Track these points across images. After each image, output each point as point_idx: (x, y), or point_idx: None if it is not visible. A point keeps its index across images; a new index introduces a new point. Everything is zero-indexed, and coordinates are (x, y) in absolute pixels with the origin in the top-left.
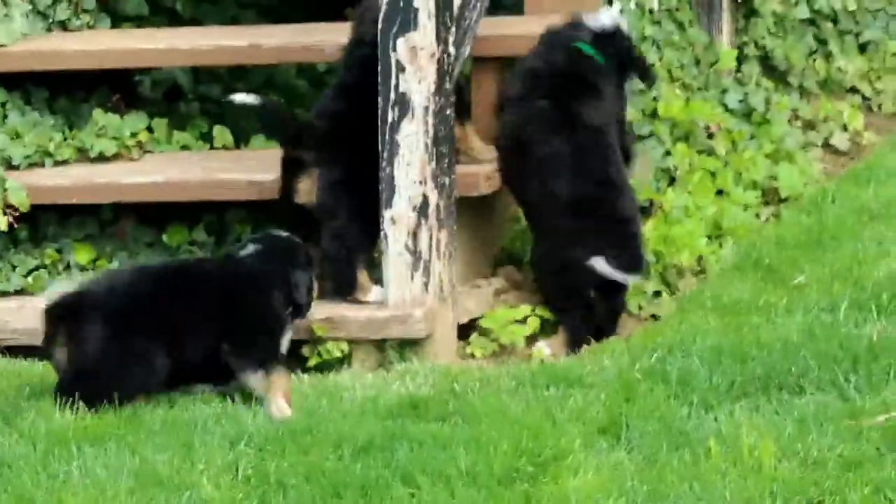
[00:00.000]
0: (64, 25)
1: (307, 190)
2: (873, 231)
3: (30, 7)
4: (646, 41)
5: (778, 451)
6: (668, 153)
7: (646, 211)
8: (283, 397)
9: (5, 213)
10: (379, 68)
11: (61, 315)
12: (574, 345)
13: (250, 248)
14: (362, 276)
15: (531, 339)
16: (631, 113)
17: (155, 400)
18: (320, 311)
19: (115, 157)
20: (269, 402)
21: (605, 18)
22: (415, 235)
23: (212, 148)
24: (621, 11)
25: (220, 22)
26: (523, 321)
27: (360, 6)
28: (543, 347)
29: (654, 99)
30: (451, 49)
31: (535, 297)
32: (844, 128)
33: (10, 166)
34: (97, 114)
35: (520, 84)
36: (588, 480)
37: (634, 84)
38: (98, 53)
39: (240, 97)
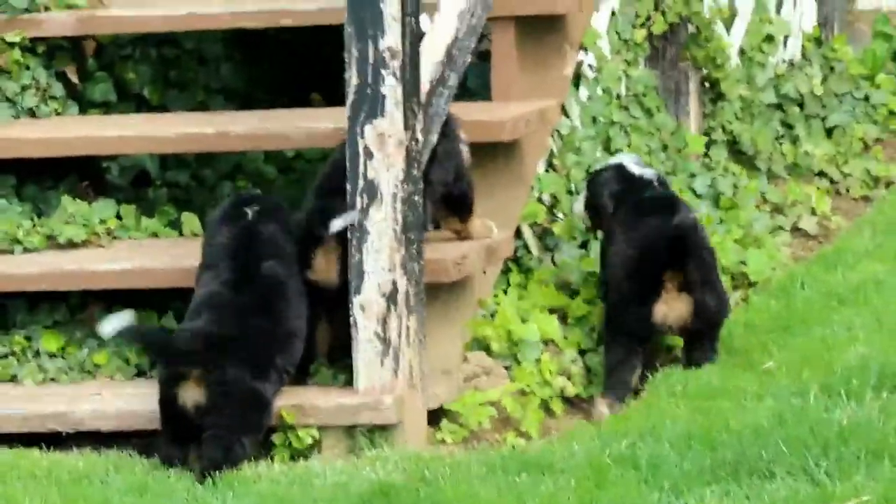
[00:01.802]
0: (32, 113)
1: (324, 267)
2: (842, 315)
3: None
4: (613, 126)
5: None
6: None
7: None
8: None
9: None
10: (347, 154)
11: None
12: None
13: None
14: None
15: (502, 425)
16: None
17: (124, 488)
18: (289, 397)
19: (84, 243)
20: None
21: None
22: (384, 322)
23: (180, 234)
24: (588, 97)
25: (187, 108)
26: (494, 406)
27: None
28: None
29: None
30: (420, 136)
31: (505, 382)
32: (813, 211)
33: None
34: (65, 201)
35: None
36: None
37: None
38: (66, 141)
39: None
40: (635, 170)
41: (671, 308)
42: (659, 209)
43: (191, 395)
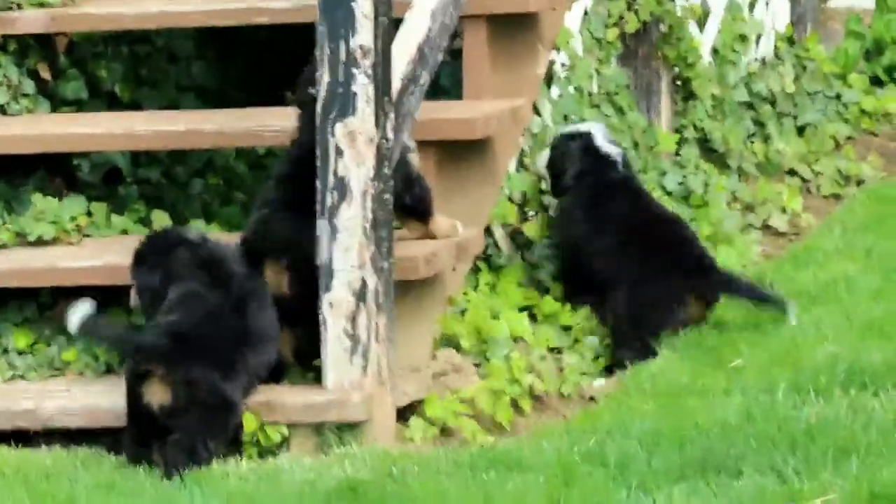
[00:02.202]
0: (3, 110)
1: (273, 280)
2: (812, 314)
3: None
4: None
5: None
6: None
7: None
8: None
9: None
10: (318, 152)
11: None
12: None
13: None
14: None
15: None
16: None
17: (92, 485)
18: (258, 394)
19: (54, 241)
20: None
21: None
22: (353, 319)
23: None
24: (560, 95)
25: (159, 105)
26: (463, 404)
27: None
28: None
29: None
30: (390, 134)
31: (474, 380)
32: (783, 210)
33: None
34: (36, 198)
35: None
36: None
37: None
38: (37, 138)
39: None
40: (602, 146)
41: None
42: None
43: (156, 394)
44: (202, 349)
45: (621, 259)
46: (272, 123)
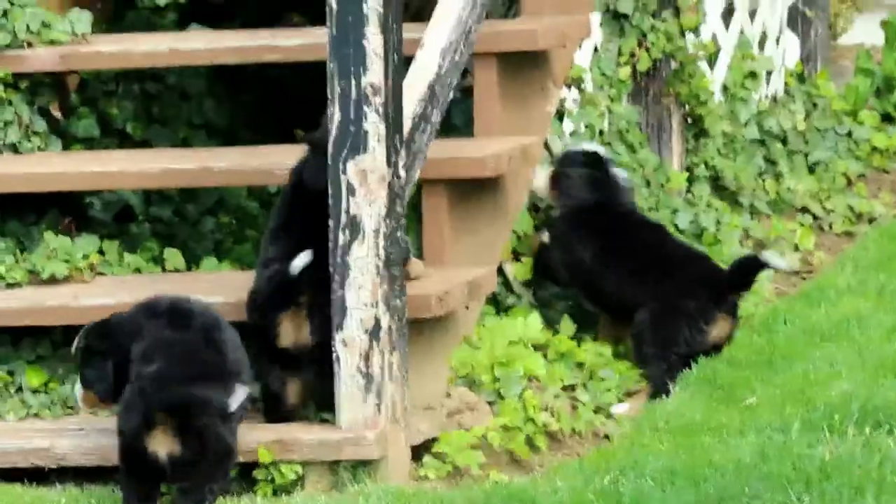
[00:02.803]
0: (14, 148)
1: (292, 332)
2: (824, 352)
3: None
4: None
5: None
6: None
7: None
8: None
9: None
10: (329, 191)
11: None
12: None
13: None
14: None
15: (487, 460)
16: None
17: None
18: (272, 432)
19: (67, 279)
20: None
21: None
22: (367, 358)
23: (163, 270)
24: (572, 133)
25: (170, 143)
26: (477, 442)
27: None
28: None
29: None
30: (402, 172)
31: (489, 418)
32: (796, 247)
33: None
34: (48, 236)
35: None
36: None
37: None
38: (49, 176)
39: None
40: (616, 172)
41: None
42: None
43: (163, 445)
44: (201, 395)
45: (644, 280)
46: (283, 161)
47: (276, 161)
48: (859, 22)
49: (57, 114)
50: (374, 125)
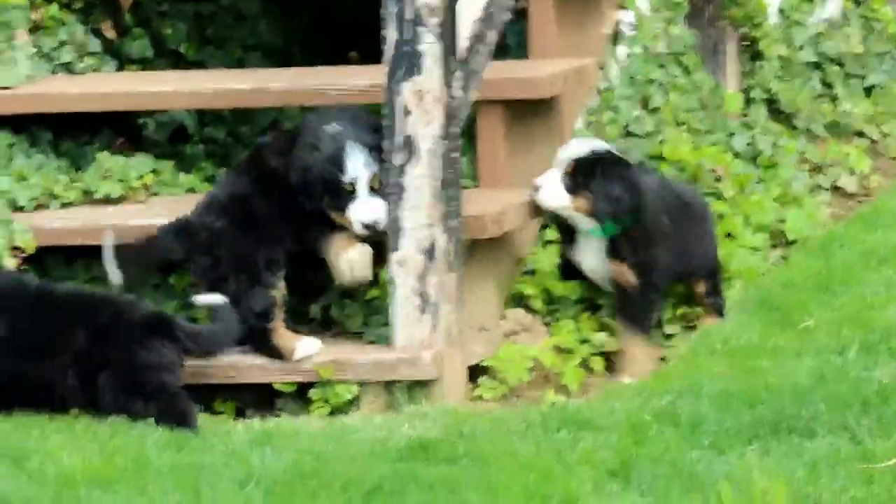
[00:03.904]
0: (69, 68)
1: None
2: (881, 275)
3: (34, 50)
4: (651, 85)
5: (790, 495)
6: None
7: None
8: None
9: (12, 255)
10: (385, 111)
11: None
12: None
13: None
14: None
15: (541, 382)
16: (637, 156)
17: (162, 443)
18: (326, 352)
19: (121, 199)
20: None
21: None
22: (423, 278)
23: None
24: (627, 56)
25: (224, 65)
26: (533, 362)
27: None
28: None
29: (661, 142)
30: (458, 92)
31: (544, 339)
32: (852, 171)
33: (16, 208)
34: (102, 156)
35: None
36: None
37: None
38: (102, 96)
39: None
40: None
41: None
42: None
43: None
44: None
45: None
46: (337, 82)
47: (330, 81)
48: None
49: (111, 34)
50: (429, 46)
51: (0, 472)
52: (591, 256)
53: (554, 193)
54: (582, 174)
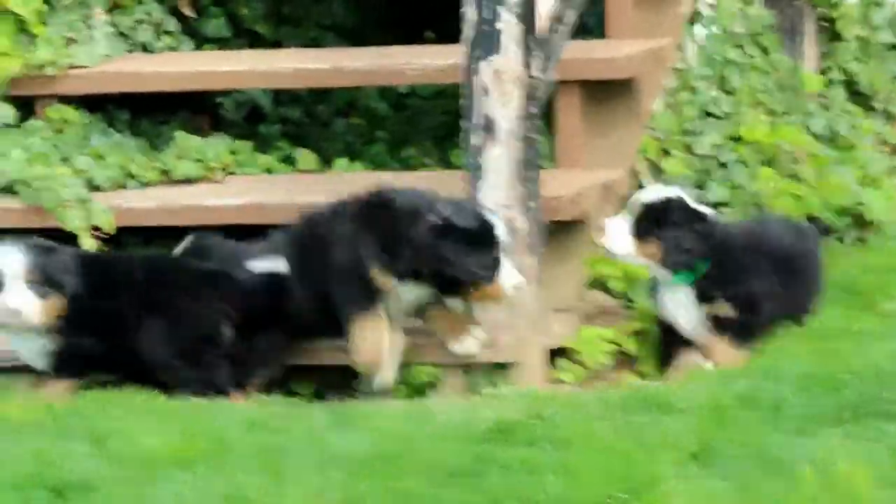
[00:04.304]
0: (146, 47)
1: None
2: None
3: (112, 29)
4: (729, 65)
5: (872, 479)
6: (753, 178)
7: None
8: None
9: (91, 235)
10: (464, 92)
11: None
12: None
13: None
14: None
15: (621, 364)
16: (715, 137)
17: (243, 424)
18: (408, 336)
19: (199, 179)
20: None
21: None
22: None
23: (295, 170)
24: (705, 36)
25: (300, 44)
26: (612, 345)
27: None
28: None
29: (738, 124)
30: (537, 72)
31: (624, 322)
32: None
33: (94, 188)
34: (180, 136)
35: None
36: None
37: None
38: (179, 75)
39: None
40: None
41: None
42: None
43: None
44: None
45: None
46: (415, 62)
47: (408, 61)
48: None
49: (188, 13)
50: (508, 25)
51: (80, 452)
52: (681, 308)
53: (619, 238)
54: (652, 220)
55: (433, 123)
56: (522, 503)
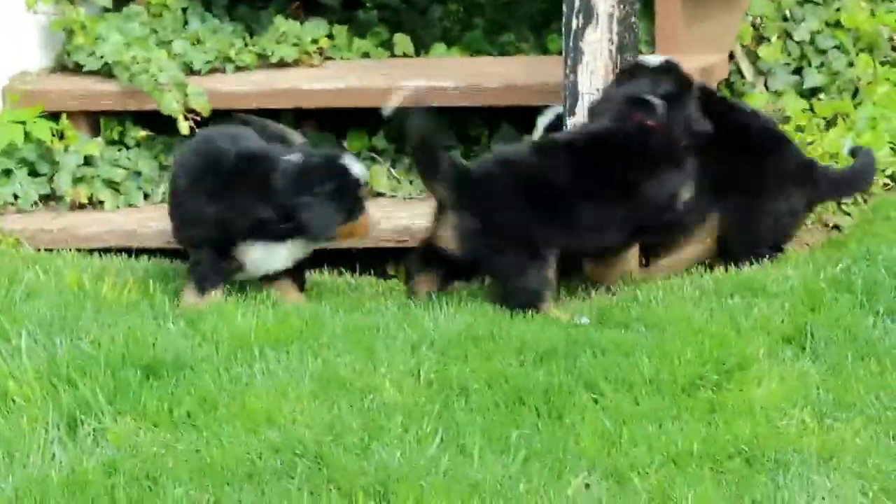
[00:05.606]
0: None
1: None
2: None
3: None
4: None
5: None
6: (851, 64)
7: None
8: None
9: (186, 118)
10: None
11: None
12: None
13: None
14: None
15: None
16: (814, 24)
17: (337, 305)
18: None
19: (296, 63)
20: None
21: None
22: None
23: (392, 55)
24: None
25: None
26: None
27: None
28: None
29: (838, 10)
30: None
31: None
32: None
33: (191, 72)
34: (277, 20)
35: None
36: (773, 389)
37: None
38: None
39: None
40: None
41: None
42: None
43: None
44: None
45: None
46: None
47: None
48: None
49: None
50: None
51: (174, 331)
52: None
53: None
54: None
55: (530, 10)
56: (615, 384)
